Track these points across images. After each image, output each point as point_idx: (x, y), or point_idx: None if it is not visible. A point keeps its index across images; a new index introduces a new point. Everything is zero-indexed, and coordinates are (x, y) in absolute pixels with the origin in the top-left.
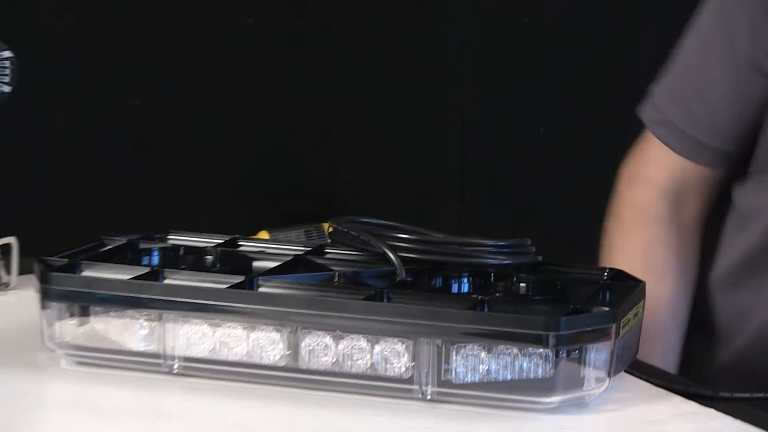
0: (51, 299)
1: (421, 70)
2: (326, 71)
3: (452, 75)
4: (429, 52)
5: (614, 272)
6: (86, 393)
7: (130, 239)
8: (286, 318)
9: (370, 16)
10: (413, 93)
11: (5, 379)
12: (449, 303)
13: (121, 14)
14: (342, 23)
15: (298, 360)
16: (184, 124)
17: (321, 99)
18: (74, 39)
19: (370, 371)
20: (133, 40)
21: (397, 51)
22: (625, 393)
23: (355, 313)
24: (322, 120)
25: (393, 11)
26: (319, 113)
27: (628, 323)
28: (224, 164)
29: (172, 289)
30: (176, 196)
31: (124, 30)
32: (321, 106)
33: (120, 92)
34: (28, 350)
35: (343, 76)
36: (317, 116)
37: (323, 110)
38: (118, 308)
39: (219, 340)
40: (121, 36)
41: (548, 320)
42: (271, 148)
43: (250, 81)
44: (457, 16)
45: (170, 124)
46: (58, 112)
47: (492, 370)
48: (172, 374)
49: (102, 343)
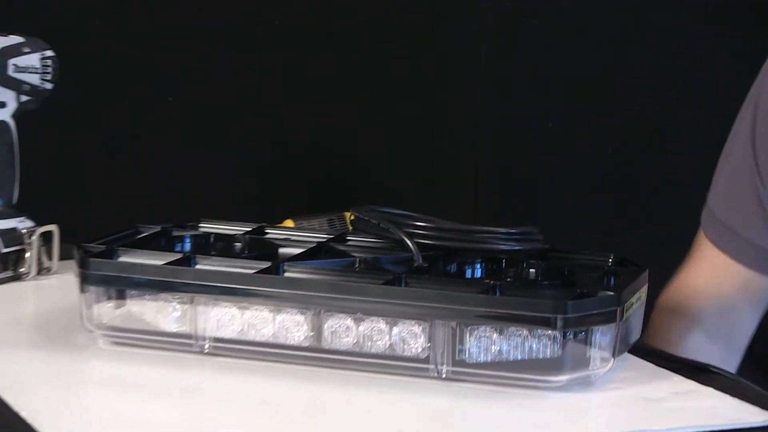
0: (90, 283)
1: (445, 68)
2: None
3: (468, 72)
4: (450, 49)
5: (619, 258)
6: (122, 371)
7: (163, 227)
8: (309, 301)
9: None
10: (422, 92)
11: (47, 358)
12: (463, 287)
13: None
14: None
15: (321, 341)
16: (215, 119)
17: (348, 96)
18: (106, 37)
19: (389, 351)
20: (164, 38)
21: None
22: (629, 372)
23: (375, 296)
24: (347, 118)
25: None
26: (345, 112)
27: (631, 307)
28: (253, 157)
29: (203, 274)
30: (207, 186)
31: (154, 28)
32: (348, 105)
33: (154, 88)
34: (68, 331)
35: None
36: (344, 115)
37: (349, 109)
38: (153, 292)
39: (247, 321)
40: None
41: (556, 304)
42: (298, 142)
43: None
44: (470, 12)
45: (202, 119)
46: (95, 108)
47: (503, 350)
48: (203, 354)
49: (137, 325)
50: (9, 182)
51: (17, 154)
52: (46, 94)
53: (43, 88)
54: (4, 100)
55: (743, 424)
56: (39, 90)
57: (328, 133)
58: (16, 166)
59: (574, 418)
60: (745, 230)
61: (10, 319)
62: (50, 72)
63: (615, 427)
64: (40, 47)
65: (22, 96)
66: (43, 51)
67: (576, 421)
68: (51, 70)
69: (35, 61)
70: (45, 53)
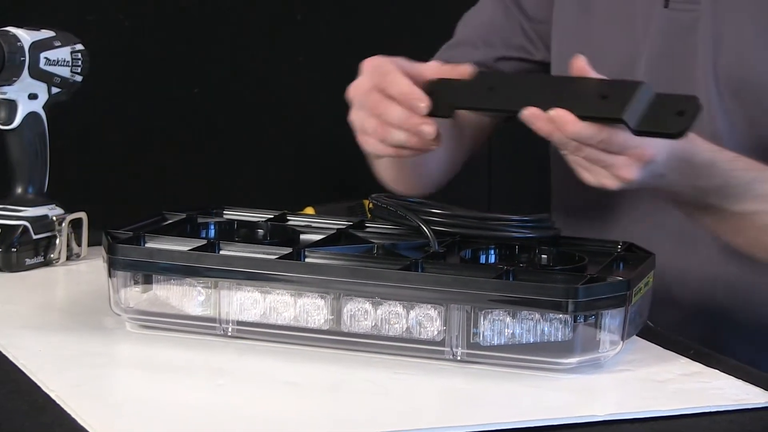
0: (117, 268)
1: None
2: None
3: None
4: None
5: (627, 245)
6: (149, 353)
7: (189, 214)
8: (329, 286)
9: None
10: None
11: (77, 340)
12: (478, 272)
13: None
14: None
15: (340, 324)
16: (239, 110)
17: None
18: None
19: (406, 334)
20: (190, 31)
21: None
22: (637, 355)
23: (393, 281)
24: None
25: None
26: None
27: (639, 291)
28: (275, 146)
29: (227, 260)
30: (231, 175)
31: (181, 22)
32: None
33: (180, 80)
34: (96, 314)
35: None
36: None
37: None
38: (178, 276)
39: (269, 305)
40: (177, 28)
41: (567, 288)
42: (319, 132)
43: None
44: None
45: (227, 110)
46: (123, 99)
47: (516, 333)
48: (227, 336)
49: (163, 308)
50: (40, 171)
51: (47, 144)
52: (76, 86)
53: (74, 80)
54: (36, 92)
55: (748, 404)
56: (69, 82)
57: (349, 123)
58: (47, 155)
59: (584, 399)
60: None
61: (41, 303)
62: (80, 65)
63: (624, 408)
64: (70, 41)
65: (53, 88)
66: (73, 45)
67: (586, 402)
68: (81, 63)
69: (66, 55)
70: (75, 47)
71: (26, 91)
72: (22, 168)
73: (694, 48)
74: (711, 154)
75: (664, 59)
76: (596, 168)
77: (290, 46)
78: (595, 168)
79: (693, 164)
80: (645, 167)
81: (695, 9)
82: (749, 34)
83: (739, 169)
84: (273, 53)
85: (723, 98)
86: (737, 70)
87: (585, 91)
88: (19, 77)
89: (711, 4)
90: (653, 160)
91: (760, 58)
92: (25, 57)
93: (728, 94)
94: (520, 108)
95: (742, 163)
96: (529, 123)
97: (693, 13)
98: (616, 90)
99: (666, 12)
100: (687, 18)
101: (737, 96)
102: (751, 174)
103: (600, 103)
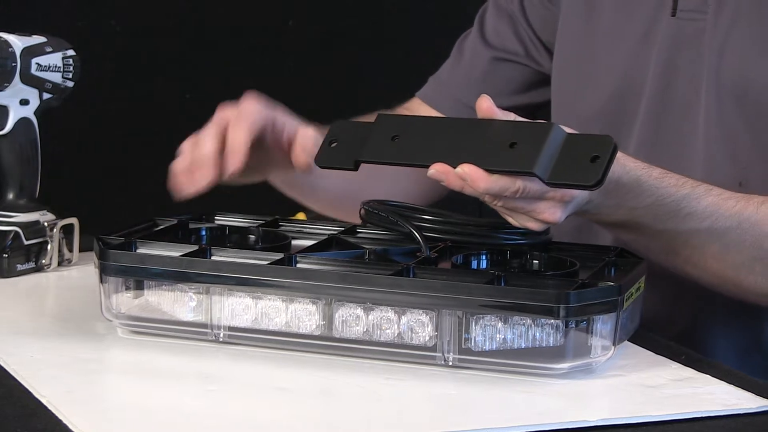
0: (109, 274)
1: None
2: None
3: None
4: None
5: (618, 250)
6: (140, 359)
7: (180, 219)
8: (321, 291)
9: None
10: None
11: (68, 346)
12: (469, 278)
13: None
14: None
15: (332, 330)
16: None
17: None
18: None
19: (398, 340)
20: (181, 37)
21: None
22: (629, 360)
23: (384, 287)
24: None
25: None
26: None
27: (631, 297)
28: None
29: (219, 265)
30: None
31: (171, 27)
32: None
33: (171, 86)
34: (88, 320)
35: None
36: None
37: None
38: (170, 282)
39: (260, 311)
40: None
41: (559, 294)
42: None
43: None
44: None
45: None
46: (114, 106)
47: (508, 338)
48: (218, 342)
49: (154, 314)
50: (31, 177)
51: (39, 150)
52: (67, 92)
53: (65, 86)
54: (27, 97)
55: (740, 409)
56: (61, 88)
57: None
58: (38, 161)
59: (576, 404)
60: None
61: (33, 309)
62: (72, 71)
63: (615, 413)
64: (62, 47)
65: (45, 94)
66: (65, 50)
67: (577, 407)
68: (72, 69)
69: (57, 60)
70: (67, 52)
71: (17, 97)
72: (13, 174)
73: (699, 57)
74: (638, 172)
75: (670, 68)
76: (517, 214)
77: (282, 51)
78: (515, 214)
79: (620, 184)
80: (567, 206)
81: (703, 18)
82: (753, 44)
83: (670, 186)
84: (265, 59)
85: (726, 107)
86: (740, 80)
87: (494, 138)
88: (11, 83)
89: (717, 14)
90: (574, 197)
91: (764, 66)
92: (16, 62)
93: (731, 103)
94: (428, 162)
95: (672, 180)
96: (438, 180)
97: (700, 23)
98: (526, 135)
99: (673, 21)
100: (694, 27)
101: (740, 105)
102: (682, 191)
103: (510, 154)
